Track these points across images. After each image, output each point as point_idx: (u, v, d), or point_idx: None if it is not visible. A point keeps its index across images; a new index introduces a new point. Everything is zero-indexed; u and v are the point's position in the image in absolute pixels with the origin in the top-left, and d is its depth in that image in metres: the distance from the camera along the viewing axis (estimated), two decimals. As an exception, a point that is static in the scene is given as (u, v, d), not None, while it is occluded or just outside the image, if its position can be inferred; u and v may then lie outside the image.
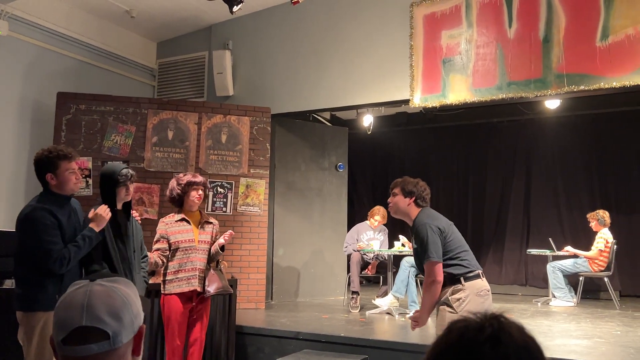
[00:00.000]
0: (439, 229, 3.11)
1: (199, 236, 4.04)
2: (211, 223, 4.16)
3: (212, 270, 4.03)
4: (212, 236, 4.12)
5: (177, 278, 3.93)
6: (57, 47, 6.54)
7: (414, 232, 3.18)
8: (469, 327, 0.87)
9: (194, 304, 4.00)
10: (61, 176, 3.02)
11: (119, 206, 3.36)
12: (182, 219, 4.02)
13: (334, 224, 7.73)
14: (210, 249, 4.08)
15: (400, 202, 3.23)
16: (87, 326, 1.12)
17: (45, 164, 3.02)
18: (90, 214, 3.15)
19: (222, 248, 4.04)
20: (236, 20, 7.13)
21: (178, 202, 4.07)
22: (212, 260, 4.10)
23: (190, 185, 4.00)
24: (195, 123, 6.38)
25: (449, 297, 3.03)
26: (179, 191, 4.01)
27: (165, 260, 3.97)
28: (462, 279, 3.03)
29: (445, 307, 3.05)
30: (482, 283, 3.09)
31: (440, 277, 3.05)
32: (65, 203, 3.10)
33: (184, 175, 4.09)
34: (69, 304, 1.15)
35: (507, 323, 0.88)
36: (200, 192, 4.04)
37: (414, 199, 3.21)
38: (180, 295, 3.91)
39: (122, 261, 3.28)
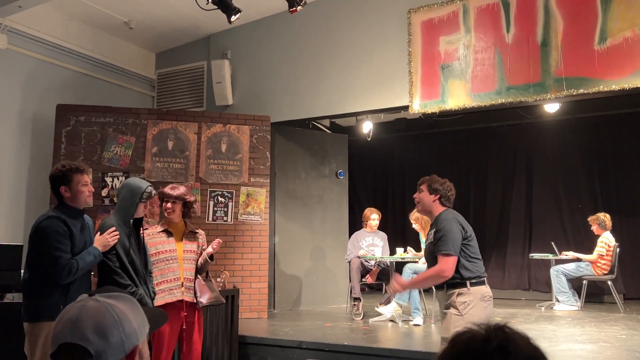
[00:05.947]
0: (463, 228, 3.20)
1: (185, 246, 4.00)
2: (196, 232, 4.13)
3: (202, 281, 3.98)
4: (199, 246, 4.08)
5: (159, 290, 3.86)
6: (56, 60, 6.55)
7: (436, 225, 3.25)
8: (475, 339, 0.87)
9: (185, 313, 3.93)
10: (74, 188, 3.16)
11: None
12: (164, 230, 4.00)
13: (336, 232, 7.71)
14: (198, 259, 4.04)
15: (425, 198, 3.35)
16: (71, 343, 1.10)
17: (60, 178, 3.16)
18: (96, 238, 3.26)
19: (211, 257, 4.01)
20: (234, 29, 7.15)
21: (162, 213, 4.11)
22: (202, 270, 4.05)
23: (161, 197, 4.01)
24: (195, 133, 6.38)
25: (455, 300, 3.08)
26: (158, 202, 4.08)
27: None
28: (468, 282, 3.09)
29: (451, 309, 3.10)
30: (486, 289, 3.17)
31: (450, 273, 3.08)
32: (78, 216, 3.22)
33: (167, 187, 4.08)
34: (62, 318, 1.14)
35: (512, 333, 0.88)
36: (170, 204, 3.97)
37: (438, 196, 3.32)
38: (165, 306, 3.80)
39: (136, 274, 3.39)
